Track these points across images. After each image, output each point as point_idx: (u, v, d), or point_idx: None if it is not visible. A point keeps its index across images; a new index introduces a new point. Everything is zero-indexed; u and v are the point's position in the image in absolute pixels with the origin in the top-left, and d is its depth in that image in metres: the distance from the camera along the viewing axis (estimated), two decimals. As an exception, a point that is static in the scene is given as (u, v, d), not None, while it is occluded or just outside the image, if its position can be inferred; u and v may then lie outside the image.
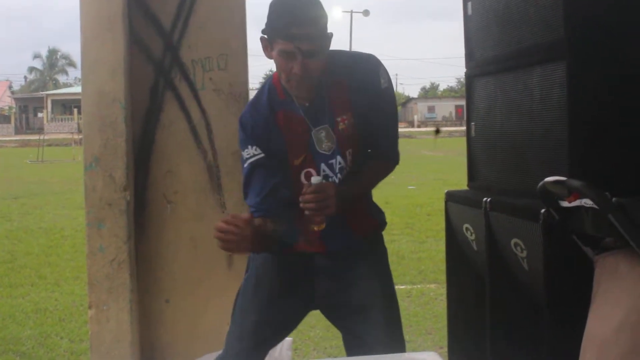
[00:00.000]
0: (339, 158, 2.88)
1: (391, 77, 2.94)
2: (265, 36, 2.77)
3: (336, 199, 2.71)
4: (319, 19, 2.72)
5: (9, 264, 9.04)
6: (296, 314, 3.09)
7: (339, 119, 2.86)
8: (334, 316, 3.07)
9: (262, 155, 2.90)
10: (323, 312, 3.10)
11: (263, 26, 2.78)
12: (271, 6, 2.74)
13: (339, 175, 2.89)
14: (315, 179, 2.72)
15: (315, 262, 2.99)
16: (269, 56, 2.80)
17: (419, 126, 73.45)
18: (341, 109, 2.87)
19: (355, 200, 2.92)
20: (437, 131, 64.27)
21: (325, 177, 2.88)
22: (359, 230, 3.00)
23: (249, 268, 3.13)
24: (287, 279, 3.02)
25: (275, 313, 3.01)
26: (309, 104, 2.87)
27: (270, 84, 2.96)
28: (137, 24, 4.35)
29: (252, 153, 2.91)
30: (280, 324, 3.07)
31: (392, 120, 3.00)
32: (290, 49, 2.68)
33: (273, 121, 2.91)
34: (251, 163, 2.91)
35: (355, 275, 2.96)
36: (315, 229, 2.78)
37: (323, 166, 2.89)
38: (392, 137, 3.01)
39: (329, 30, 2.76)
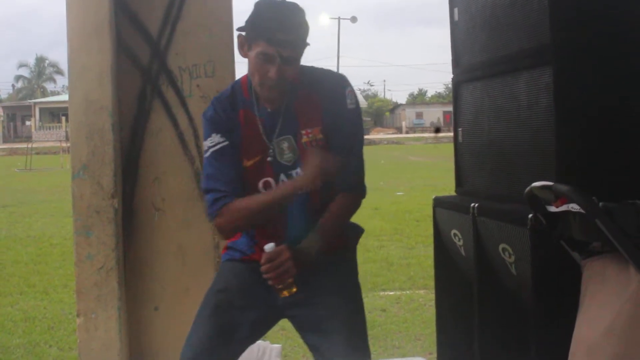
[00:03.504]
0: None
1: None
2: (244, 34, 2.76)
3: (293, 260, 2.68)
4: (303, 28, 2.73)
5: (-3, 272, 8.99)
6: (257, 322, 2.97)
7: (303, 132, 2.83)
8: (297, 328, 3.01)
9: (227, 143, 2.82)
10: (291, 323, 3.04)
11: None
12: (258, 7, 2.73)
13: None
14: (267, 247, 2.69)
15: None
16: (244, 55, 2.79)
17: (407, 132, 73.51)
18: (309, 122, 2.83)
19: (327, 242, 2.82)
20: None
21: None
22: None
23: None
24: (246, 287, 2.95)
25: (229, 319, 2.91)
26: (271, 110, 2.83)
27: (237, 84, 2.94)
28: (124, 31, 4.34)
29: (216, 141, 2.83)
30: (237, 331, 2.92)
31: (356, 144, 2.90)
32: (271, 53, 2.67)
33: (235, 117, 2.86)
34: (215, 150, 2.82)
35: (316, 289, 2.88)
36: (286, 293, 2.75)
37: (282, 176, 2.84)
38: (356, 161, 2.89)
39: (307, 40, 2.77)
